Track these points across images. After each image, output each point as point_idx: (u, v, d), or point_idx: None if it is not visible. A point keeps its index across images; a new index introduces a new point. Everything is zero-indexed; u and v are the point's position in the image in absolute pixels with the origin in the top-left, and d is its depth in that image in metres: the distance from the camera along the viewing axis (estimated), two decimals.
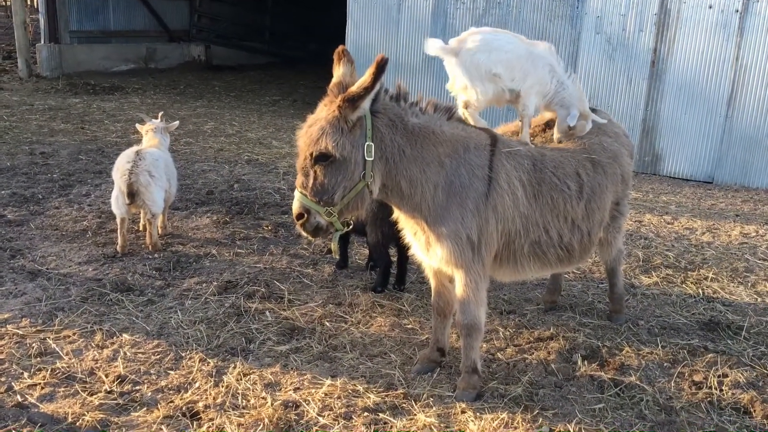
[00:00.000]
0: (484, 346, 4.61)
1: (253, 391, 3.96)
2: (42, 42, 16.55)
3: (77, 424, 3.57)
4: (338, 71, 3.69)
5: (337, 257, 5.74)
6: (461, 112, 4.15)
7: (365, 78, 3.46)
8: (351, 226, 3.87)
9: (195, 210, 7.30)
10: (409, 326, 4.92)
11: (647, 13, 10.27)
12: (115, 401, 3.81)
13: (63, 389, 3.90)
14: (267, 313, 4.98)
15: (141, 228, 6.46)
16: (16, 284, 5.23)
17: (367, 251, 5.97)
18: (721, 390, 4.16)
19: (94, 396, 3.84)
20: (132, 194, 5.73)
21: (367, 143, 3.56)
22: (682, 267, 6.30)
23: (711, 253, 6.69)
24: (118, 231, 5.98)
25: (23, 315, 4.74)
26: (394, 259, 5.55)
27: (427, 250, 3.95)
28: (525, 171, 3.98)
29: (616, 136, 4.63)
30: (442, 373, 4.25)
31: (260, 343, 4.53)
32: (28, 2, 19.67)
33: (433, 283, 4.31)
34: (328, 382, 4.06)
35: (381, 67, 3.41)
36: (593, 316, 5.18)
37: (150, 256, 5.94)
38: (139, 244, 6.20)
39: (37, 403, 3.75)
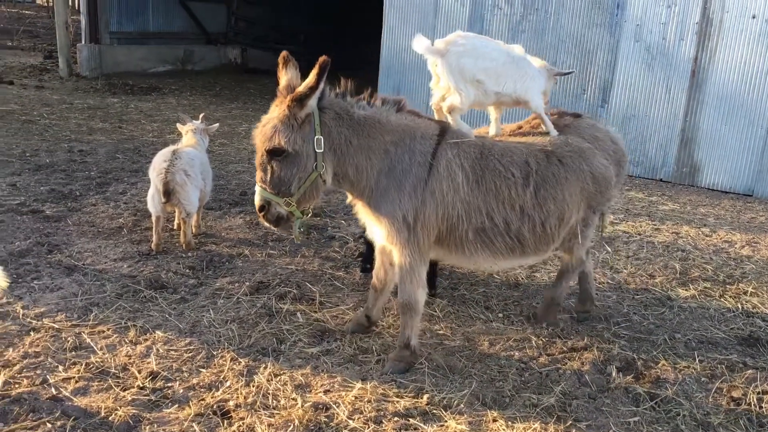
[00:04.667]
0: (516, 354, 4.56)
1: (283, 391, 3.96)
2: (83, 42, 16.86)
3: (110, 418, 3.60)
4: (285, 75, 4.01)
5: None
6: (446, 117, 4.28)
7: (310, 79, 3.82)
8: (310, 215, 4.29)
9: (228, 210, 7.35)
10: (441, 332, 4.88)
11: (688, 21, 10.09)
12: (147, 397, 3.83)
13: (97, 383, 3.94)
14: (298, 314, 4.98)
15: (176, 227, 6.53)
16: (53, 279, 5.30)
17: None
18: (761, 407, 4.05)
19: (127, 391, 3.87)
20: (168, 193, 5.79)
21: (316, 137, 3.92)
22: (720, 280, 6.16)
23: (751, 267, 6.54)
24: (153, 229, 6.05)
25: (59, 309, 4.81)
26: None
27: (373, 230, 4.32)
28: (469, 158, 4.16)
29: (594, 139, 4.65)
30: (475, 383, 4.20)
31: (291, 345, 4.54)
32: (70, 3, 20.05)
33: (377, 261, 4.68)
34: (359, 385, 4.04)
35: (323, 68, 3.77)
36: (629, 327, 5.09)
37: (184, 255, 5.99)
38: (174, 243, 6.27)
39: (71, 397, 3.79)
